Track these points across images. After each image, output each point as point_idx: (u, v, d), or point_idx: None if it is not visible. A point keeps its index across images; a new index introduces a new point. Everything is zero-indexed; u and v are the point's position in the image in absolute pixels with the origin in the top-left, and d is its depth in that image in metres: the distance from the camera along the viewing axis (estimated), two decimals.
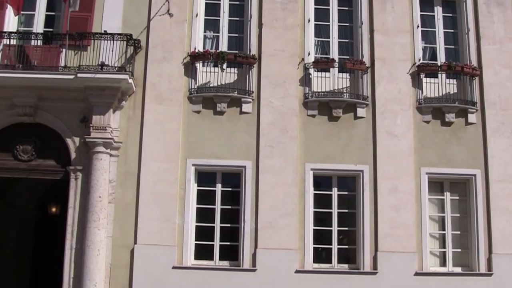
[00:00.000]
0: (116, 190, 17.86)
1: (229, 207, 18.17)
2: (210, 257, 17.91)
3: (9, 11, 18.37)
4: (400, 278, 17.65)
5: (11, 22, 18.84)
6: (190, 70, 18.49)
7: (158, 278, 17.40)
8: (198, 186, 18.22)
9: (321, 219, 18.20)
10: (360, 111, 18.46)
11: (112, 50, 17.84)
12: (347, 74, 18.81)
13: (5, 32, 18.20)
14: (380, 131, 18.37)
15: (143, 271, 17.41)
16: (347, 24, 19.31)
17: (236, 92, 18.30)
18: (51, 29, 18.92)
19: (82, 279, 17.12)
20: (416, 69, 18.77)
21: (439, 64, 18.86)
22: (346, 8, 19.39)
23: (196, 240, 17.96)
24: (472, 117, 18.71)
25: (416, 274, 17.73)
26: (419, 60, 18.93)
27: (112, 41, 17.89)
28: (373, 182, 18.16)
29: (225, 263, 17.88)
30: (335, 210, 18.22)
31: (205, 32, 19.19)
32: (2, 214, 20.86)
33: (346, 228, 18.25)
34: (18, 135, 18.21)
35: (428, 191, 18.36)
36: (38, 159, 18.19)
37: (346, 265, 18.06)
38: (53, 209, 23.84)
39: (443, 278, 17.94)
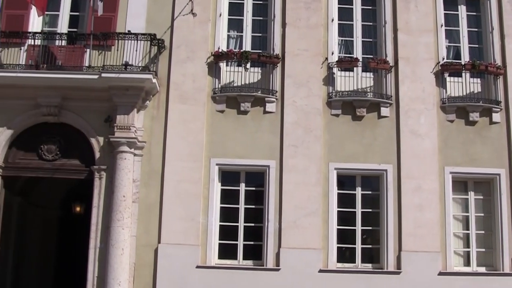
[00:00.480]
0: (140, 190, 17.91)
1: (253, 206, 18.18)
2: (234, 257, 17.93)
3: (34, 11, 18.43)
4: (424, 277, 17.57)
5: (36, 22, 18.95)
6: (213, 69, 18.51)
7: (181, 277, 17.43)
8: (222, 185, 18.24)
9: (345, 218, 18.16)
10: (384, 111, 18.41)
11: (136, 50, 17.92)
12: (371, 74, 18.76)
13: (30, 33, 18.36)
14: (404, 131, 18.30)
15: (167, 270, 17.45)
16: (371, 24, 19.27)
17: (259, 92, 18.30)
18: (75, 29, 19.03)
19: (106, 278, 17.17)
20: (440, 68, 18.69)
21: (463, 63, 18.79)
22: (370, 8, 19.35)
23: (220, 240, 17.98)
24: (496, 116, 18.61)
25: (440, 273, 17.65)
26: (443, 59, 18.84)
27: (136, 41, 17.96)
28: (397, 181, 18.10)
29: (249, 263, 17.89)
30: (358, 210, 18.19)
31: (228, 31, 19.21)
32: (27, 214, 20.95)
33: (370, 228, 18.22)
34: (42, 134, 18.32)
35: (452, 191, 18.28)
36: (62, 158, 18.29)
37: (369, 265, 18.02)
38: (77, 209, 23.93)
39: (467, 278, 17.84)
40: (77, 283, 19.41)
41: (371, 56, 18.84)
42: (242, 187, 18.25)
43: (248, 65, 18.34)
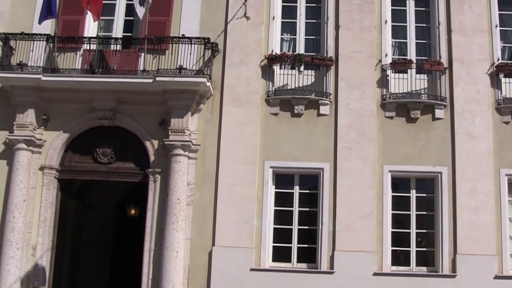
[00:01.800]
0: (194, 192, 18.01)
1: (307, 209, 18.15)
2: (288, 259, 17.93)
3: (89, 17, 18.68)
4: (480, 281, 17.35)
5: (91, 27, 19.21)
6: (267, 72, 18.56)
7: (235, 279, 17.49)
8: (276, 188, 18.26)
9: (399, 221, 18.07)
10: (438, 112, 18.26)
11: (190, 54, 17.98)
12: (425, 75, 18.63)
13: (86, 38, 18.63)
14: (459, 132, 18.13)
15: (221, 272, 17.52)
16: (424, 25, 19.14)
17: (313, 94, 18.30)
18: (130, 34, 19.26)
19: (160, 280, 17.28)
20: (494, 69, 18.47)
21: None
22: (423, 9, 19.22)
23: (274, 242, 17.99)
24: None
25: (496, 277, 17.41)
26: (498, 60, 18.61)
27: (190, 45, 18.04)
28: (451, 183, 17.93)
29: (303, 265, 17.88)
30: (413, 212, 18.07)
31: (282, 34, 19.23)
32: (82, 216, 21.23)
33: (425, 231, 18.09)
34: (98, 138, 18.59)
35: (508, 193, 18.00)
36: (117, 161, 18.53)
37: (424, 268, 17.87)
38: (132, 211, 24.17)
39: None
40: (131, 286, 19.56)
41: (425, 58, 18.71)
42: (296, 190, 18.26)
43: (302, 68, 18.35)
